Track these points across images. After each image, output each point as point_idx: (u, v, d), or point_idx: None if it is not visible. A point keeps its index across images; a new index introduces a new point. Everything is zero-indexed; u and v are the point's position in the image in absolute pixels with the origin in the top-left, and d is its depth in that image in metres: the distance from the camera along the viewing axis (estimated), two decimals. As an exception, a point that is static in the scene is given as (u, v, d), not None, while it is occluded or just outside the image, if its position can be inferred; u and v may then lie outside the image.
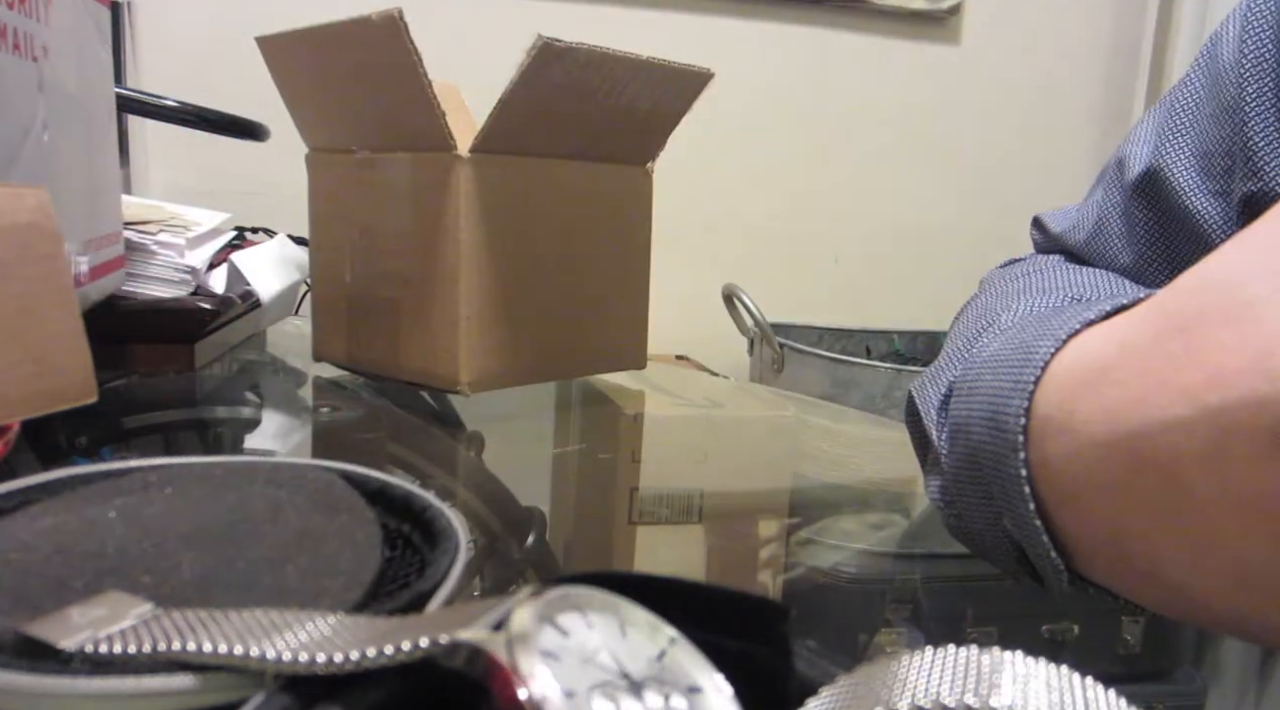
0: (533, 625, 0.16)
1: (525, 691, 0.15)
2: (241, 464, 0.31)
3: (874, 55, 1.70)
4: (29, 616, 0.20)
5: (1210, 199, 0.37)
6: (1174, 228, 0.39)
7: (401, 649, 0.16)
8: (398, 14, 0.51)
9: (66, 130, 0.46)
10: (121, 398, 0.59)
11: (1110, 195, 0.42)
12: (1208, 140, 0.38)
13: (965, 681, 0.15)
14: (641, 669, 0.17)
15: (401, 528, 0.29)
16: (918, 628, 0.37)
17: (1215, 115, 0.38)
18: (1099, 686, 0.15)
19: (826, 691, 0.16)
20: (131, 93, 0.79)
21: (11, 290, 0.32)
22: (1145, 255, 0.40)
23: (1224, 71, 0.37)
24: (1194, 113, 0.39)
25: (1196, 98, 0.39)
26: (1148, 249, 0.40)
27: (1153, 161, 0.39)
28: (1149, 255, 0.40)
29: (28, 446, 0.40)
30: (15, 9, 0.40)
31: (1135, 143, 0.41)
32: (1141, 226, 0.40)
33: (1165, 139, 0.39)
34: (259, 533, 0.26)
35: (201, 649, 0.18)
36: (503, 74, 0.52)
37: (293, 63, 0.62)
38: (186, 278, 0.67)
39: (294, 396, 0.71)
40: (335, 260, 0.64)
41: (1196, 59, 0.40)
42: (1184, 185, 0.38)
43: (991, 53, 1.75)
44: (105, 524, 0.26)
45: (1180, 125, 0.39)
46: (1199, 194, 0.37)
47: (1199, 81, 0.39)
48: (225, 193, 1.28)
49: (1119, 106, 1.82)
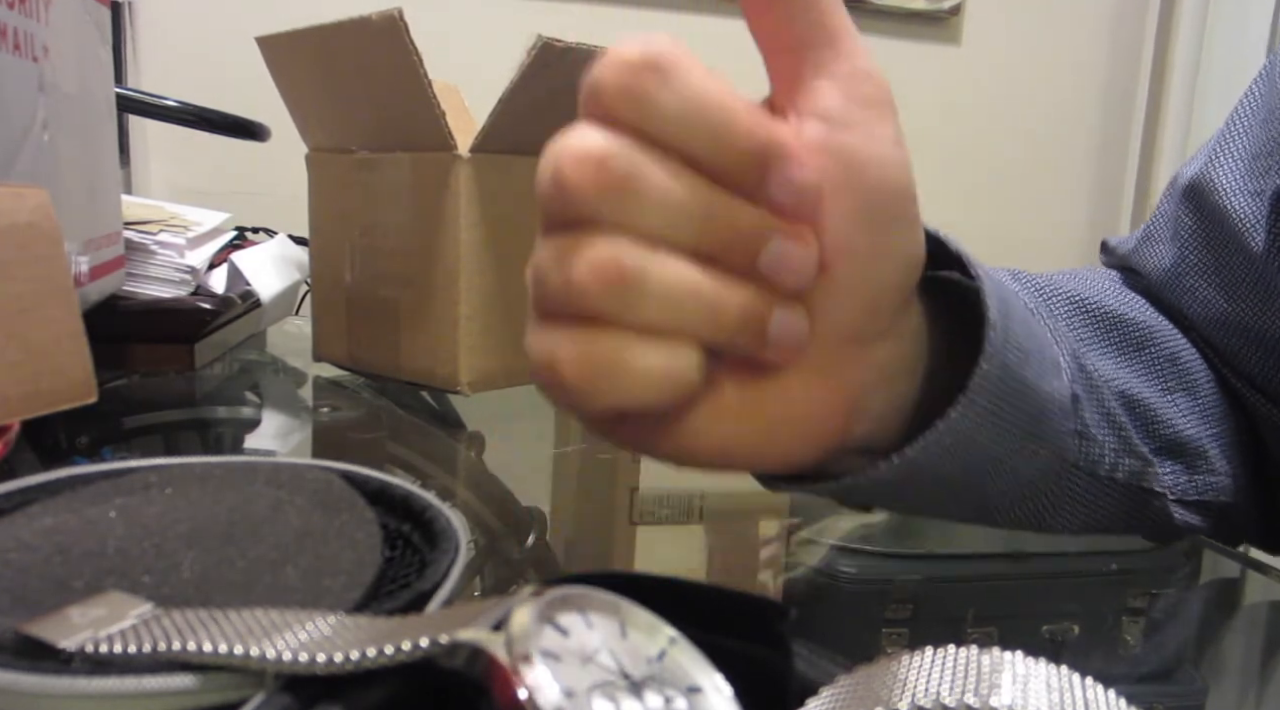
0: (533, 625, 0.16)
1: (525, 691, 0.15)
2: (241, 464, 0.31)
3: (874, 55, 1.70)
4: (29, 616, 0.20)
5: (1247, 198, 0.38)
6: (1214, 227, 0.39)
7: (401, 649, 0.16)
8: (398, 14, 0.51)
9: (66, 130, 0.46)
10: (121, 398, 0.59)
11: (1162, 206, 0.43)
12: (1258, 142, 0.39)
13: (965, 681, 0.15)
14: (641, 669, 0.17)
15: (401, 528, 0.29)
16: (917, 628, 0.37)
17: (1267, 120, 0.39)
18: (1099, 686, 0.15)
19: (826, 691, 0.16)
20: (131, 93, 0.79)
21: (11, 290, 0.32)
22: (1186, 257, 0.40)
23: (1276, 76, 0.38)
24: (1249, 119, 0.40)
25: (1254, 105, 0.40)
26: (1190, 252, 0.40)
27: (1204, 167, 0.40)
28: (1190, 258, 0.40)
29: (28, 446, 0.40)
30: (15, 9, 0.40)
31: (1193, 159, 0.42)
32: (1187, 229, 0.40)
33: (1219, 146, 0.40)
34: (259, 533, 0.26)
35: (201, 649, 0.18)
36: (503, 74, 0.52)
37: (293, 63, 0.62)
38: (186, 278, 0.67)
39: (294, 396, 0.71)
40: (335, 260, 0.64)
41: (1260, 70, 0.41)
42: (1226, 186, 0.39)
43: (991, 53, 1.75)
44: (105, 524, 0.26)
45: (1235, 132, 0.40)
46: (1237, 193, 0.38)
47: (1258, 90, 0.41)
48: (225, 193, 1.28)
49: (1120, 107, 1.82)
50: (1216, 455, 0.38)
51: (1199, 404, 0.38)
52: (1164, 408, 0.37)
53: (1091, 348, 0.37)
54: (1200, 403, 0.38)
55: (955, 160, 1.77)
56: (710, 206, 0.22)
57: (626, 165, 0.22)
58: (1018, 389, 0.28)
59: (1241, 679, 0.36)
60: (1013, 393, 0.28)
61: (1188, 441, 0.37)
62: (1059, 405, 0.31)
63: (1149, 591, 0.42)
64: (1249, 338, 0.38)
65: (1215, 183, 0.39)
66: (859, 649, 0.35)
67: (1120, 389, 0.36)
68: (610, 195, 0.22)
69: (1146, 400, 0.36)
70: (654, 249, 0.22)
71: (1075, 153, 1.82)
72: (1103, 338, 0.37)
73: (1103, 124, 1.82)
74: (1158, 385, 0.38)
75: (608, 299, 0.22)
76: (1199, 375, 0.39)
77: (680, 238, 0.22)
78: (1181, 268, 0.40)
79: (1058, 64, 1.78)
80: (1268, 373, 0.38)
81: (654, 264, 0.22)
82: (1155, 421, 0.36)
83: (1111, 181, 1.83)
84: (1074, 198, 1.83)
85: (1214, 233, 0.39)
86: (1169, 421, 0.37)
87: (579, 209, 0.22)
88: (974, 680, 0.15)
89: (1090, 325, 0.38)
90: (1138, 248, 0.43)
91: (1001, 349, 0.27)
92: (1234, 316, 0.38)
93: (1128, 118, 1.81)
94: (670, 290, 0.22)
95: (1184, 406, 0.38)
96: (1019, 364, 0.28)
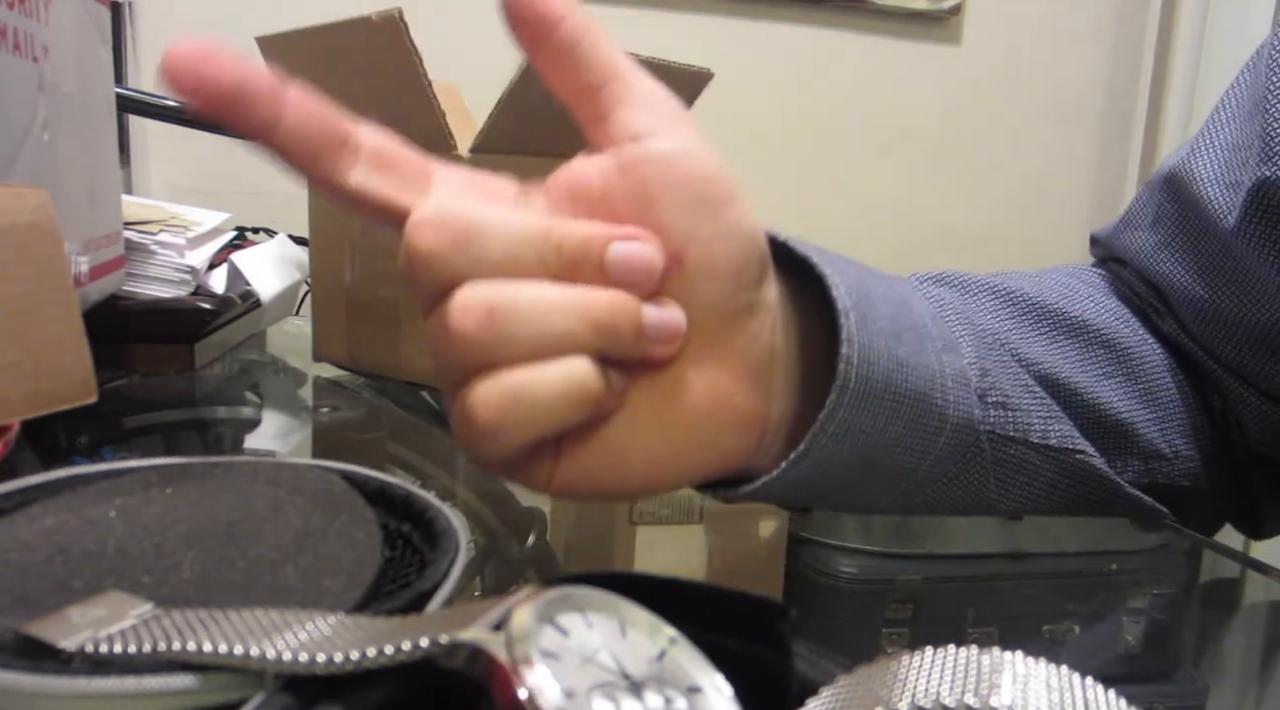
0: (533, 625, 0.16)
1: (525, 691, 0.15)
2: (241, 464, 0.31)
3: (874, 55, 1.70)
4: (29, 616, 0.20)
5: (1223, 189, 0.38)
6: (1190, 217, 0.40)
7: (401, 649, 0.16)
8: (398, 14, 0.51)
9: (66, 130, 0.46)
10: (121, 398, 0.59)
11: (1142, 192, 0.44)
12: (1238, 134, 0.39)
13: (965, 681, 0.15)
14: (641, 669, 0.17)
15: (401, 528, 0.29)
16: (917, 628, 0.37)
17: (1250, 113, 0.39)
18: (1099, 686, 0.15)
19: (826, 691, 0.16)
20: (131, 93, 0.79)
21: (11, 290, 0.32)
22: (1165, 244, 0.41)
23: (1261, 69, 0.38)
24: (1233, 111, 0.41)
25: (1239, 97, 0.41)
26: (1168, 239, 0.41)
27: (1185, 157, 0.41)
28: (1169, 244, 0.41)
29: (28, 446, 0.40)
30: (15, 9, 0.40)
31: (1179, 149, 0.43)
32: (1166, 216, 0.41)
33: (1202, 137, 0.41)
34: (259, 533, 0.26)
35: (201, 649, 0.18)
36: (503, 74, 0.52)
37: (293, 63, 0.62)
38: (186, 278, 0.67)
39: (294, 396, 0.71)
40: (335, 260, 0.64)
41: (1246, 62, 0.41)
42: (1204, 175, 0.39)
43: (992, 53, 1.75)
44: (105, 524, 0.26)
45: (1218, 123, 0.41)
46: (1214, 184, 0.39)
47: (1244, 81, 0.41)
48: (225, 193, 1.28)
49: (1121, 107, 1.82)
50: (1154, 438, 0.38)
51: (1139, 388, 0.39)
52: (1091, 389, 0.37)
53: (1018, 334, 0.38)
54: (1141, 387, 0.39)
55: (955, 160, 1.77)
56: (547, 230, 0.25)
57: (464, 216, 0.24)
58: (888, 370, 0.30)
59: (1241, 679, 0.36)
60: (883, 376, 0.30)
61: (1115, 424, 0.38)
62: (953, 378, 0.32)
63: (1149, 591, 0.42)
64: (1224, 324, 0.39)
65: (1194, 173, 0.40)
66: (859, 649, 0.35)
67: (1044, 371, 0.37)
68: (457, 245, 0.24)
69: (1071, 381, 0.37)
70: (512, 280, 0.24)
71: (1075, 153, 1.82)
72: (1031, 326, 0.38)
73: (1103, 124, 1.82)
74: (1092, 370, 0.38)
75: (489, 336, 0.24)
76: (1145, 362, 0.39)
77: (530, 263, 0.24)
78: (1160, 253, 0.41)
79: (1058, 64, 1.78)
80: (1243, 357, 0.39)
81: (516, 290, 0.24)
82: (1078, 403, 0.37)
83: (1111, 181, 1.83)
84: (1074, 198, 1.83)
85: (1191, 222, 0.40)
86: (1094, 404, 0.37)
87: (436, 272, 0.24)
88: (974, 680, 0.15)
89: (1018, 315, 0.39)
90: (1117, 232, 0.44)
91: (859, 332, 0.29)
92: (1209, 302, 0.39)
93: (1128, 118, 1.81)
94: (538, 308, 0.24)
95: (1119, 390, 0.38)
96: (888, 345, 0.30)
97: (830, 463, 0.30)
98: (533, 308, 0.24)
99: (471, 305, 0.23)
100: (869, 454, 0.31)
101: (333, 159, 0.24)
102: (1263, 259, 0.36)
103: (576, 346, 0.24)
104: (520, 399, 0.24)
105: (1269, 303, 0.37)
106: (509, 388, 0.24)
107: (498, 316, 0.23)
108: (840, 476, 0.31)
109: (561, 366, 0.24)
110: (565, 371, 0.24)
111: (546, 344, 0.24)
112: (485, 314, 0.23)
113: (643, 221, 0.25)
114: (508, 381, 0.24)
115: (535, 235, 0.24)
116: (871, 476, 0.32)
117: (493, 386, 0.24)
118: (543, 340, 0.24)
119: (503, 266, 0.24)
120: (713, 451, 0.28)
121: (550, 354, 0.24)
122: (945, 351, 0.32)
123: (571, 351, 0.24)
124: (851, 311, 0.29)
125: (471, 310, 0.23)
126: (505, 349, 0.24)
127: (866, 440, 0.30)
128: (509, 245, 0.24)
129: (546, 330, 0.24)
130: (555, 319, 0.24)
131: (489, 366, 0.24)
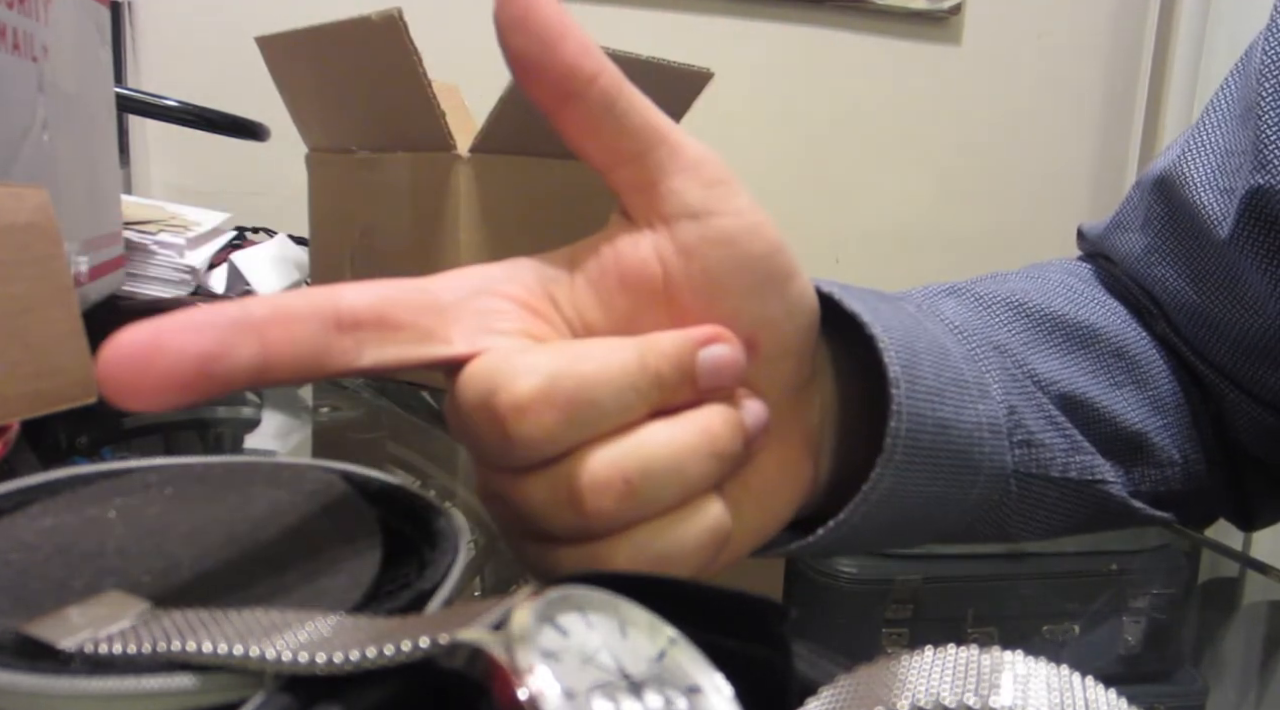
0: (533, 625, 0.16)
1: (525, 691, 0.15)
2: (241, 464, 0.31)
3: (874, 55, 1.70)
4: (29, 616, 0.20)
5: (1216, 194, 0.38)
6: (1182, 221, 0.40)
7: (401, 649, 0.16)
8: (398, 14, 0.51)
9: (66, 130, 0.46)
10: (121, 398, 0.59)
11: (1132, 194, 0.43)
12: (1231, 139, 0.39)
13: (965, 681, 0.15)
14: (641, 669, 0.17)
15: (401, 528, 0.29)
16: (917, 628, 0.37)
17: (1242, 116, 0.39)
18: (1099, 686, 0.15)
19: (826, 691, 0.16)
20: (131, 93, 0.79)
21: (11, 290, 0.32)
22: (1156, 246, 0.41)
23: (1252, 73, 0.38)
24: (1224, 114, 0.40)
25: (1229, 99, 0.41)
26: (1159, 242, 0.41)
27: (1176, 159, 0.41)
28: (1159, 247, 0.41)
29: (28, 446, 0.40)
30: (15, 9, 0.40)
31: (1167, 150, 0.42)
32: (1157, 219, 0.41)
33: (1192, 139, 0.41)
34: (259, 533, 0.26)
35: (201, 649, 0.18)
36: (503, 74, 0.52)
37: (293, 63, 0.62)
38: (186, 278, 0.67)
39: (294, 396, 0.71)
40: (335, 260, 0.64)
41: (1235, 64, 0.41)
42: (1196, 180, 0.39)
43: (992, 53, 1.75)
44: (105, 524, 0.26)
45: (1209, 126, 0.40)
46: (1207, 189, 0.39)
47: (1233, 83, 0.41)
48: (225, 193, 1.28)
49: (1120, 107, 1.82)
50: (1166, 445, 0.38)
51: (1148, 395, 0.39)
52: (1107, 403, 0.37)
53: (1035, 350, 0.37)
54: (1150, 394, 0.39)
55: (955, 160, 1.77)
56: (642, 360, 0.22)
57: (565, 380, 0.21)
58: (933, 435, 0.29)
59: (1241, 679, 0.36)
60: (929, 443, 0.29)
61: (1132, 436, 0.37)
62: (989, 428, 0.32)
63: (1149, 591, 0.42)
64: (1216, 329, 0.39)
65: (1186, 177, 0.39)
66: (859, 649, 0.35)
67: (1062, 390, 0.36)
68: (571, 421, 0.21)
69: (1088, 397, 0.37)
70: (631, 435, 0.22)
71: (1075, 153, 1.82)
72: (1046, 339, 0.38)
73: (1103, 124, 1.82)
74: (1104, 380, 0.38)
75: (628, 507, 0.22)
76: (1151, 367, 0.39)
77: (638, 408, 0.22)
78: (1151, 257, 0.41)
79: (1058, 64, 1.78)
80: (1235, 362, 0.39)
81: (642, 450, 0.22)
82: (1096, 419, 0.37)
83: (1111, 181, 1.83)
84: (1074, 198, 1.83)
85: (1182, 226, 0.40)
86: (1111, 418, 0.37)
87: (547, 452, 0.21)
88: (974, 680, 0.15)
89: (1032, 328, 0.38)
90: (1107, 234, 0.44)
91: (908, 400, 0.28)
92: (1201, 307, 0.39)
93: (1128, 118, 1.81)
94: (672, 463, 0.22)
95: (1132, 399, 0.38)
96: (933, 407, 0.29)
97: (864, 526, 0.29)
98: (668, 465, 0.22)
99: (608, 481, 0.21)
100: (905, 511, 0.30)
101: (337, 351, 0.21)
102: (1254, 266, 0.36)
103: (709, 486, 0.23)
104: (668, 562, 0.22)
105: (1260, 309, 0.37)
106: (654, 556, 0.22)
107: (636, 486, 0.21)
108: (871, 534, 0.30)
109: (700, 519, 0.23)
110: (705, 524, 0.23)
111: (685, 495, 0.22)
112: (623, 486, 0.21)
113: (710, 310, 0.24)
114: (653, 552, 0.22)
115: (635, 372, 0.22)
116: (902, 527, 0.31)
117: (635, 558, 0.22)
118: (682, 493, 0.22)
119: (616, 422, 0.22)
120: (776, 523, 0.27)
121: (687, 502, 0.23)
122: (981, 400, 0.32)
123: (703, 492, 0.23)
124: (902, 380, 0.28)
125: (609, 487, 0.21)
126: (643, 512, 0.22)
127: (904, 502, 0.29)
128: (617, 395, 0.22)
129: (685, 483, 0.22)
130: (689, 467, 0.22)
131: (622, 531, 0.22)
